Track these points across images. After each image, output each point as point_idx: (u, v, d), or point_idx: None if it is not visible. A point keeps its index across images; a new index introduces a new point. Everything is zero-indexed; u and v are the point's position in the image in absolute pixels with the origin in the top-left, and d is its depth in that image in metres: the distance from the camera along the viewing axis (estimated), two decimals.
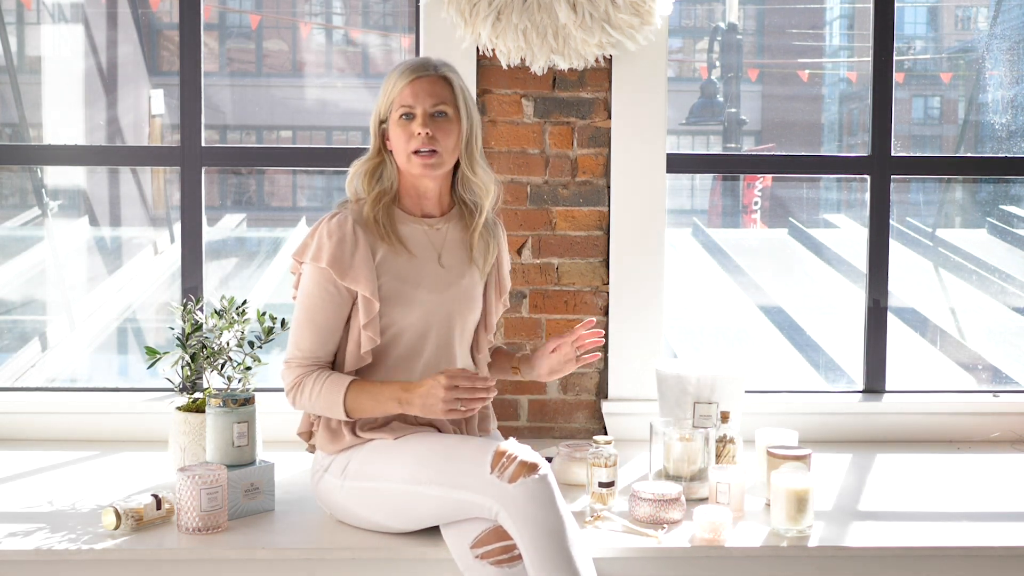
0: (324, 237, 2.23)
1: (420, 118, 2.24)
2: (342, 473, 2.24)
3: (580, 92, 3.05)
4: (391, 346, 2.28)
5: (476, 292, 2.36)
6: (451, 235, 2.35)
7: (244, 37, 7.14)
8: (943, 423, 3.14)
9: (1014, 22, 5.02)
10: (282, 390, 2.24)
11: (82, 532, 2.24)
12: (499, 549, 2.04)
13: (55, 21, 5.43)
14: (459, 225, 2.36)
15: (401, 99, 2.25)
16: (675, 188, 5.71)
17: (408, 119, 2.25)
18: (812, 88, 6.83)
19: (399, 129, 2.25)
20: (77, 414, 3.03)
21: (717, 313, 5.89)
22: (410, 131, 2.24)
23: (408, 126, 2.25)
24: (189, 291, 3.08)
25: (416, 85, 2.25)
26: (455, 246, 2.35)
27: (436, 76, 2.26)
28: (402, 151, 2.26)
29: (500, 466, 2.03)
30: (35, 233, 5.17)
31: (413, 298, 2.26)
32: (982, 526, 2.37)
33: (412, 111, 2.24)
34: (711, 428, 2.51)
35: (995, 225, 5.59)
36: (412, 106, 2.24)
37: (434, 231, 2.33)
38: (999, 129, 4.92)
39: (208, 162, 3.13)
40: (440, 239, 2.33)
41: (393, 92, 2.26)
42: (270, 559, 2.17)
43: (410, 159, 2.25)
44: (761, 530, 2.30)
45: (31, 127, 4.99)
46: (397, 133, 2.26)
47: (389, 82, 2.28)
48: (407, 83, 2.25)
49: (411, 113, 2.25)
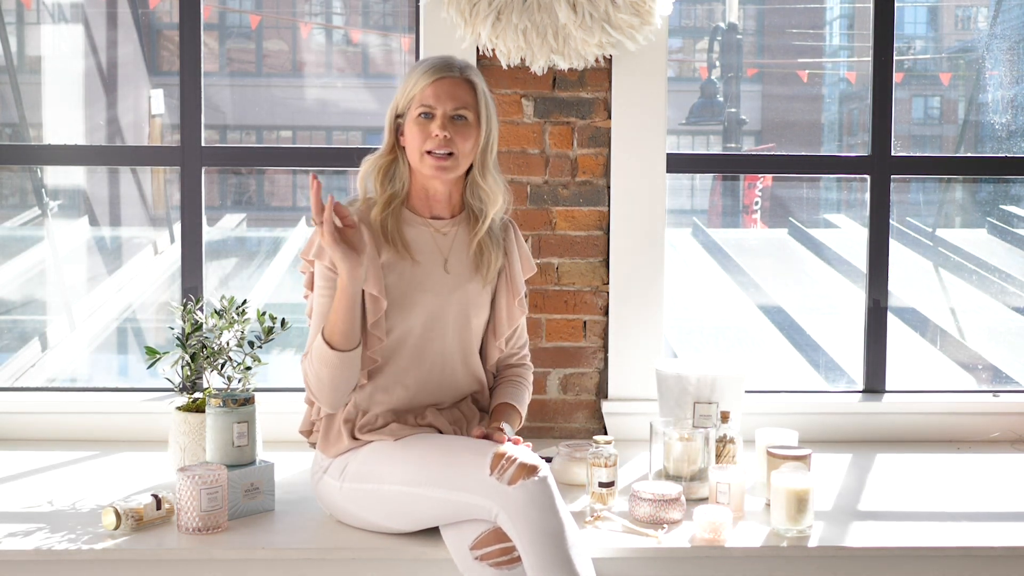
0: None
1: (439, 119, 2.22)
2: (341, 474, 2.24)
3: (580, 92, 3.05)
4: (397, 349, 2.27)
5: (482, 298, 2.35)
6: (459, 239, 2.33)
7: (244, 37, 7.14)
8: (943, 423, 3.14)
9: (1014, 22, 5.02)
10: (283, 390, 2.25)
11: (82, 532, 2.24)
12: (499, 551, 2.03)
13: (55, 21, 5.43)
14: (467, 229, 2.34)
15: (422, 97, 2.23)
16: (675, 188, 5.71)
17: (427, 118, 2.23)
18: (812, 88, 6.83)
19: (416, 127, 2.23)
20: (77, 414, 3.04)
21: (717, 313, 5.89)
22: (428, 131, 2.22)
23: (426, 125, 2.22)
24: (189, 291, 3.09)
25: (439, 86, 2.22)
26: (462, 250, 2.33)
27: (460, 79, 2.24)
28: (416, 149, 2.24)
29: (500, 468, 2.03)
30: (35, 233, 5.17)
31: (416, 302, 2.25)
32: (982, 526, 2.37)
33: (432, 111, 2.22)
34: (711, 428, 2.51)
35: (995, 225, 5.59)
36: (432, 106, 2.22)
37: (441, 235, 2.31)
38: (999, 129, 4.92)
39: (208, 162, 3.13)
40: (447, 243, 2.32)
41: (414, 89, 2.23)
42: (270, 559, 2.17)
43: (423, 158, 2.23)
44: (761, 530, 2.30)
45: (31, 127, 4.99)
46: (413, 131, 2.23)
47: (412, 78, 2.25)
48: (430, 82, 2.23)
49: (431, 113, 2.22)
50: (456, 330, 2.31)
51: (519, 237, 2.43)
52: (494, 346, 2.39)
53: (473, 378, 2.37)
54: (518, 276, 2.39)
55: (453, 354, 2.32)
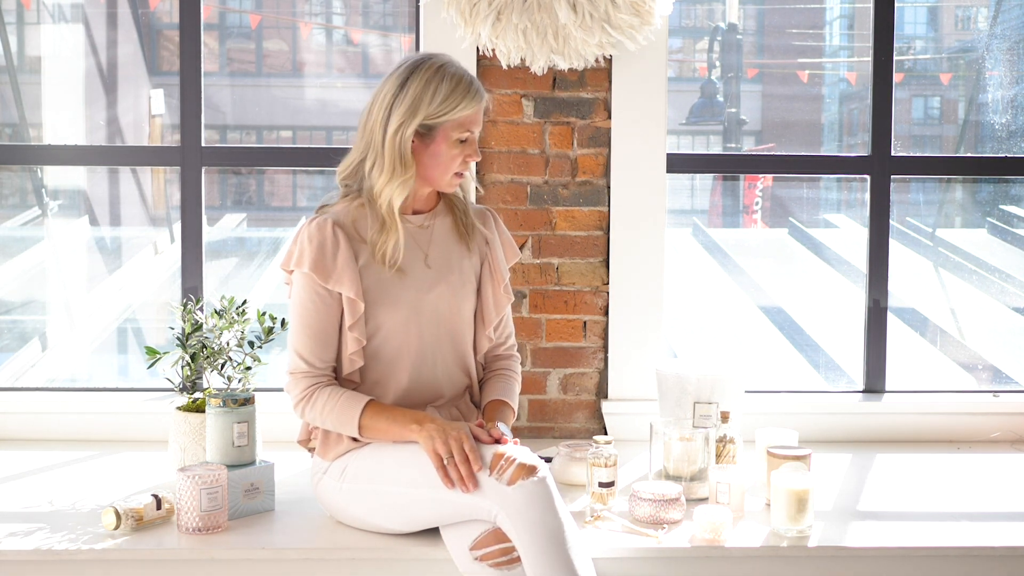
0: (305, 242, 2.21)
1: (473, 143, 2.24)
2: (341, 475, 2.24)
3: (580, 92, 3.05)
4: (381, 346, 2.27)
5: (467, 287, 2.34)
6: (438, 230, 2.34)
7: (244, 37, 7.13)
8: (943, 423, 3.14)
9: (1014, 22, 5.01)
10: (282, 390, 2.24)
11: (82, 532, 2.24)
12: (498, 551, 2.03)
13: (55, 21, 5.43)
14: (447, 218, 2.36)
15: (468, 121, 2.23)
16: (675, 188, 5.70)
17: (463, 142, 2.24)
18: (812, 88, 6.83)
19: (453, 149, 2.23)
20: (77, 414, 3.04)
21: (717, 313, 5.88)
22: (463, 153, 2.23)
23: (463, 148, 2.23)
24: (189, 291, 3.08)
25: (479, 109, 2.24)
26: (443, 240, 2.33)
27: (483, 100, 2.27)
28: (447, 170, 2.24)
29: (499, 468, 2.03)
30: (35, 233, 5.16)
31: (398, 298, 2.25)
32: (982, 526, 2.37)
33: (471, 135, 2.24)
34: (711, 428, 2.51)
35: (995, 225, 5.58)
36: (472, 131, 2.24)
37: (421, 230, 2.32)
38: (999, 129, 4.92)
39: (208, 162, 3.13)
40: (427, 237, 2.32)
41: (458, 111, 2.20)
42: (270, 559, 2.17)
43: (452, 179, 2.26)
44: (761, 530, 2.30)
45: (31, 127, 4.98)
46: (447, 152, 2.23)
47: (454, 97, 2.20)
48: (477, 107, 2.23)
49: (468, 137, 2.24)
50: (443, 322, 2.31)
51: (499, 223, 2.44)
52: (483, 335, 2.39)
53: (464, 371, 2.37)
54: (501, 262, 2.39)
55: (444, 346, 2.31)
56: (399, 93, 2.20)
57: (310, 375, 2.23)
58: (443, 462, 2.06)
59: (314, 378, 2.23)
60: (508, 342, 2.48)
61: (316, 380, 2.23)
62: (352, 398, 2.20)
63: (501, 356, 2.47)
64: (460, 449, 2.06)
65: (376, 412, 2.18)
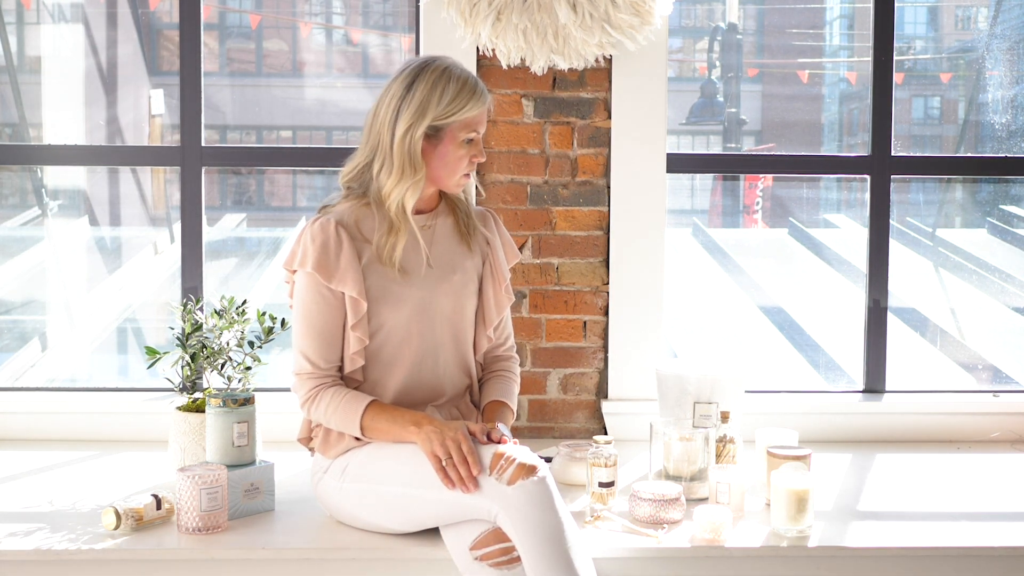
0: (308, 242, 2.22)
1: (479, 144, 2.26)
2: (341, 475, 2.24)
3: (580, 92, 3.05)
4: (383, 345, 2.27)
5: (468, 287, 2.35)
6: (440, 229, 2.34)
7: (244, 37, 7.13)
8: (943, 423, 3.14)
9: (1014, 22, 5.01)
10: (282, 390, 2.25)
11: (82, 532, 2.24)
12: (498, 551, 2.03)
13: (55, 21, 5.43)
14: (448, 218, 2.36)
15: (474, 122, 2.24)
16: (675, 188, 5.70)
17: (469, 142, 2.25)
18: (812, 88, 6.82)
19: (460, 150, 2.24)
20: (77, 414, 3.04)
21: (717, 313, 5.89)
22: (469, 154, 2.25)
23: (470, 149, 2.25)
24: (189, 291, 3.08)
25: (484, 110, 2.25)
26: (445, 239, 2.34)
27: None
28: (454, 171, 2.25)
29: (499, 468, 2.03)
30: (35, 233, 5.16)
31: (401, 297, 2.26)
32: (982, 526, 2.37)
33: (477, 136, 2.26)
34: (711, 428, 2.51)
35: (995, 225, 5.58)
36: (478, 131, 2.25)
37: (424, 230, 2.32)
38: (999, 129, 4.92)
39: (208, 162, 3.13)
40: (428, 236, 2.32)
41: (466, 112, 2.22)
42: (270, 559, 2.17)
43: (460, 180, 2.27)
44: (761, 530, 2.30)
45: (31, 127, 4.98)
46: (454, 152, 2.24)
47: (461, 98, 2.21)
48: (483, 108, 2.24)
49: (475, 138, 2.25)
50: (446, 322, 2.31)
51: (500, 225, 2.44)
52: (483, 335, 2.39)
53: (465, 371, 2.37)
54: (502, 263, 2.40)
55: (445, 346, 2.32)
56: (406, 95, 2.20)
57: (315, 376, 2.23)
58: (442, 463, 2.06)
59: (319, 379, 2.23)
60: (507, 343, 2.48)
61: (321, 381, 2.23)
62: (355, 399, 2.20)
63: (500, 357, 2.47)
64: (458, 450, 2.06)
65: (377, 412, 2.19)
